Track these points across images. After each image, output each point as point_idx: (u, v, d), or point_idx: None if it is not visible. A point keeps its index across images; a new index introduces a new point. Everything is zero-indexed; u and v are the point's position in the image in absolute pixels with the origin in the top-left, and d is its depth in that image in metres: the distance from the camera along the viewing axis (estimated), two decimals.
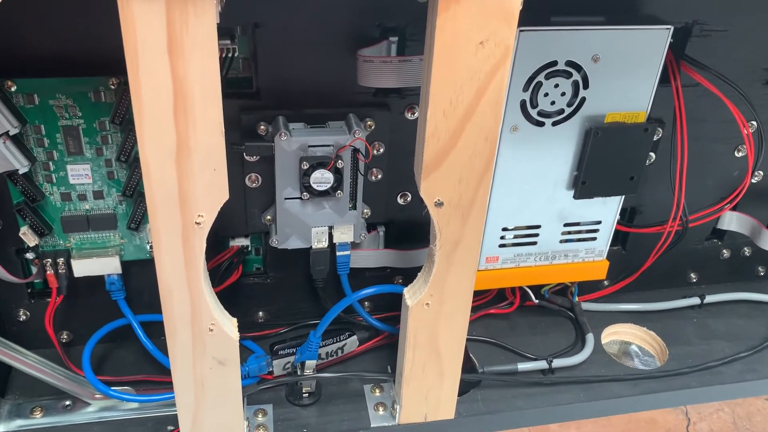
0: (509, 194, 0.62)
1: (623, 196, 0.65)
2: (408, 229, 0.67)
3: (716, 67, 0.61)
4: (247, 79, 0.58)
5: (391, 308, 0.70)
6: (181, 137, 0.42)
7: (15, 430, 0.58)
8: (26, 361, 0.58)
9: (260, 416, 0.60)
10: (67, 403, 0.60)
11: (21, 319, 0.63)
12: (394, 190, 0.64)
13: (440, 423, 0.61)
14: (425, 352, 0.57)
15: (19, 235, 0.57)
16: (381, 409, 0.62)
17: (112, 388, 0.60)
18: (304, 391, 0.62)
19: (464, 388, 0.64)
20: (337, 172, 0.58)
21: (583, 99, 0.58)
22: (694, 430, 1.24)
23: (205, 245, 0.46)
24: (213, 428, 0.56)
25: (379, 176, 0.62)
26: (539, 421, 0.66)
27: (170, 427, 0.59)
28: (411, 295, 0.55)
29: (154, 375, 0.63)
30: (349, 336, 0.66)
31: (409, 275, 0.68)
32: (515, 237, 0.65)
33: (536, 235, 0.65)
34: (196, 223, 0.45)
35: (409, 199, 0.65)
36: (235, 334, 0.52)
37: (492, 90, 0.44)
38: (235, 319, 0.52)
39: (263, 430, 0.59)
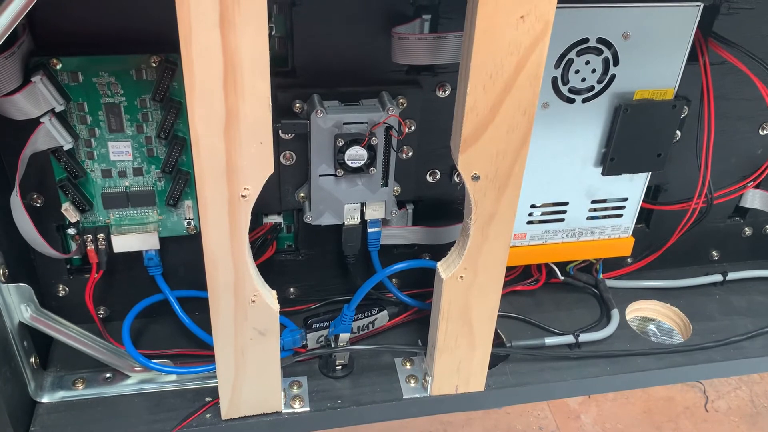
0: (538, 171, 0.63)
1: (650, 173, 0.66)
2: (436, 207, 0.68)
3: (744, 45, 0.61)
4: (282, 57, 0.59)
5: (418, 285, 0.71)
6: (230, 109, 0.43)
7: (59, 400, 0.60)
8: (70, 334, 0.59)
9: (295, 388, 0.62)
10: (108, 375, 0.62)
11: (60, 295, 0.65)
12: (423, 168, 0.65)
13: (471, 395, 0.63)
14: (458, 325, 0.58)
15: (61, 211, 0.58)
16: (412, 381, 0.63)
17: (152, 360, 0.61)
18: (337, 363, 0.63)
19: (493, 362, 0.65)
20: (371, 149, 0.59)
21: (613, 76, 0.59)
22: (712, 407, 1.25)
23: (249, 218, 0.48)
24: (251, 398, 0.58)
25: (410, 154, 0.63)
26: (567, 393, 0.67)
27: (208, 398, 0.61)
28: (445, 268, 0.56)
29: (190, 349, 0.65)
30: (380, 311, 0.67)
31: (437, 252, 0.69)
32: (543, 214, 0.66)
33: (564, 212, 0.66)
34: (242, 195, 0.46)
35: (438, 176, 0.66)
36: (276, 306, 0.53)
37: (531, 64, 0.45)
38: (275, 291, 0.54)
39: (299, 401, 0.61)
